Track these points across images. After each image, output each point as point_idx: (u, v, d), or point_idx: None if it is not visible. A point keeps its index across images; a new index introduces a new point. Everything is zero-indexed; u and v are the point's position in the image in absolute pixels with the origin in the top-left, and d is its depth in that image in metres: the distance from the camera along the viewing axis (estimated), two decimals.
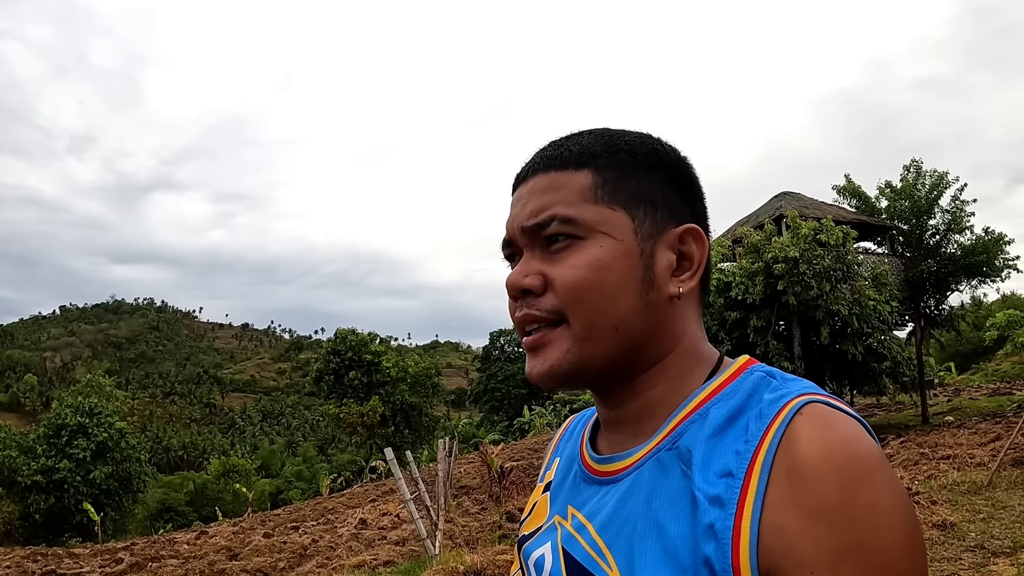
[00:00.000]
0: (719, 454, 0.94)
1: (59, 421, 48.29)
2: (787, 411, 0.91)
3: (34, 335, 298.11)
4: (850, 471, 0.86)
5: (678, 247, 1.07)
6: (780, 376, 1.01)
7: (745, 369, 1.06)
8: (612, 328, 1.03)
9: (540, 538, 1.17)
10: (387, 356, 54.27)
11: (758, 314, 23.06)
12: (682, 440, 1.00)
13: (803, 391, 0.94)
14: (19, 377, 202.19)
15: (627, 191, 1.06)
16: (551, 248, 1.06)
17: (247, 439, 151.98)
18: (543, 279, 1.05)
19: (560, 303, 1.04)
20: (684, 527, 0.92)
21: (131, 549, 22.15)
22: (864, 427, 0.92)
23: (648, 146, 1.12)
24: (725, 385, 1.03)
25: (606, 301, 1.02)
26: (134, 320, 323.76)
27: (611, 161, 1.08)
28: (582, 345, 1.04)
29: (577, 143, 1.11)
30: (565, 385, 1.08)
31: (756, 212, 28.68)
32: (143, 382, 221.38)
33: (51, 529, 44.84)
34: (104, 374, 77.97)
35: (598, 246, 1.03)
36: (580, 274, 1.03)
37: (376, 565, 13.20)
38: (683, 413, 1.03)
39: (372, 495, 29.39)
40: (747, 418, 0.95)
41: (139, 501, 52.54)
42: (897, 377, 24.67)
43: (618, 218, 1.05)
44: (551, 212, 1.05)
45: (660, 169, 1.10)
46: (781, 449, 0.88)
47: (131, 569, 16.78)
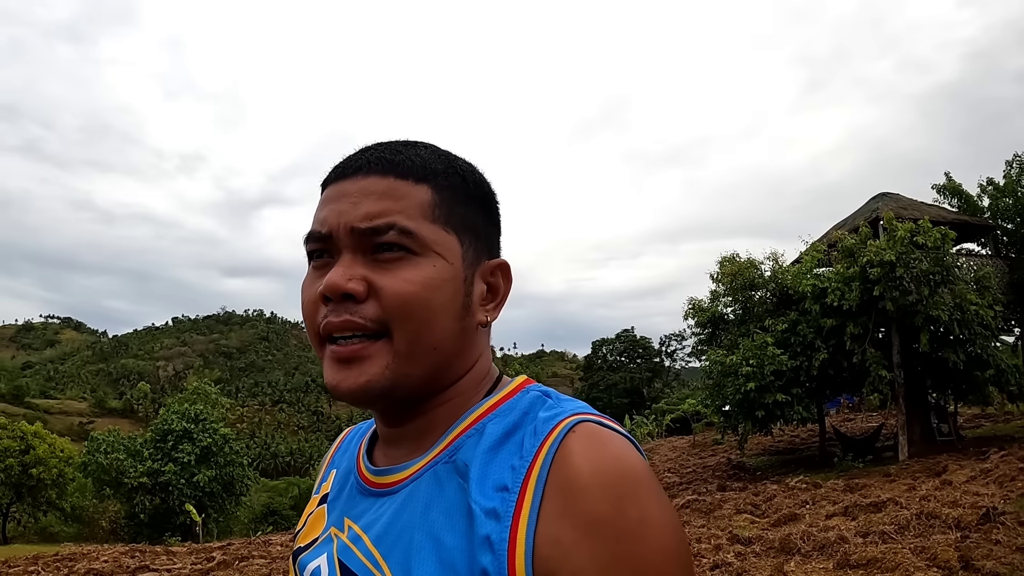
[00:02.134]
0: (495, 469, 0.97)
1: (166, 426, 49.89)
2: (560, 429, 0.95)
3: (147, 345, 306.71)
4: (620, 486, 0.90)
5: (488, 279, 1.13)
6: (555, 396, 1.06)
7: (522, 388, 1.10)
8: (432, 348, 1.04)
9: (316, 550, 1.16)
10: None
11: (855, 321, 22.41)
12: (459, 454, 1.03)
13: (576, 411, 0.99)
14: (133, 385, 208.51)
15: (459, 217, 1.09)
16: (379, 256, 1.03)
17: None
18: (367, 286, 1.03)
19: (385, 315, 1.02)
20: (460, 539, 0.94)
21: (226, 549, 22.57)
22: (634, 445, 0.97)
23: (476, 176, 1.15)
24: (502, 402, 1.07)
25: (432, 320, 1.03)
26: (244, 331, 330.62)
27: (448, 182, 1.10)
28: (401, 362, 1.03)
29: (417, 154, 1.10)
30: (374, 402, 1.08)
31: (853, 215, 27.86)
32: (252, 390, 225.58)
33: (155, 528, 46.37)
34: (211, 382, 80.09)
35: (432, 265, 1.04)
36: (414, 290, 1.02)
37: None
38: (460, 428, 1.06)
39: None
40: (522, 435, 0.99)
41: (241, 504, 53.66)
42: (1003, 386, 23.78)
43: (451, 241, 1.07)
44: (390, 220, 1.03)
45: (483, 201, 1.15)
46: (555, 464, 0.92)
47: (219, 567, 16.99)
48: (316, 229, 1.08)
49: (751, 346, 23.27)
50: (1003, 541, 9.68)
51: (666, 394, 76.84)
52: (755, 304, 25.73)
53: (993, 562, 8.89)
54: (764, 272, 25.89)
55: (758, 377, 22.47)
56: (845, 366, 23.54)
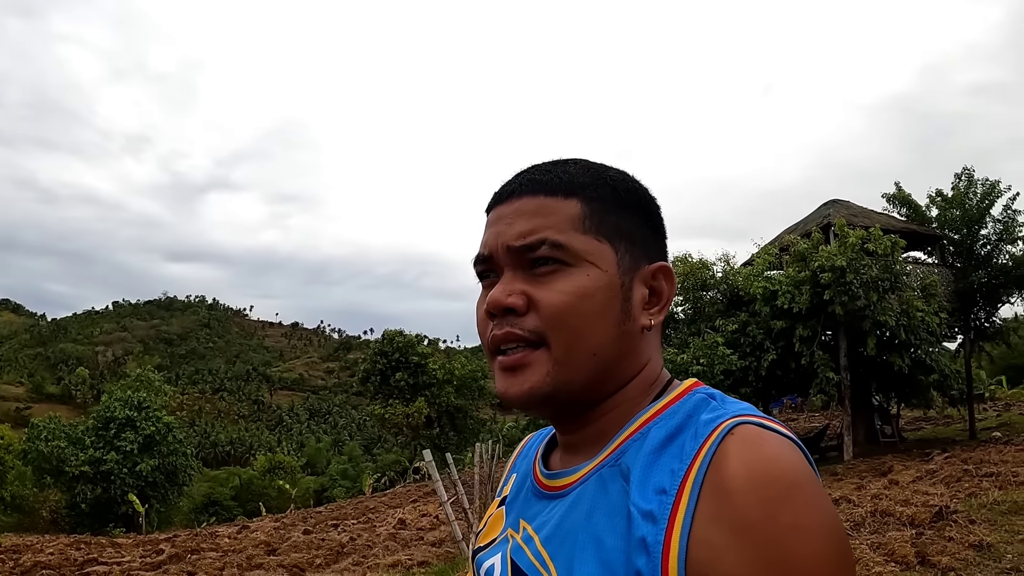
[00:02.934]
0: (655, 472, 0.97)
1: (108, 414, 49.09)
2: (719, 431, 0.95)
3: (87, 329, 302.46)
4: (773, 490, 0.89)
5: (650, 283, 1.13)
6: (720, 398, 1.06)
7: (689, 391, 1.10)
8: (591, 354, 1.07)
9: (493, 550, 1.21)
10: (434, 358, 54.27)
11: (804, 323, 22.78)
12: (624, 458, 1.04)
13: (738, 412, 0.98)
14: (71, 370, 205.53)
15: (611, 225, 1.11)
16: (536, 271, 1.09)
17: (294, 436, 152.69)
18: (527, 299, 1.07)
19: (543, 325, 1.06)
20: (619, 540, 0.96)
21: (173, 541, 22.52)
22: (798, 447, 0.96)
23: (628, 184, 1.17)
24: (668, 406, 1.07)
25: (588, 328, 1.06)
26: (185, 317, 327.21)
27: (597, 194, 1.12)
28: (561, 369, 1.06)
29: (565, 171, 1.14)
30: (540, 408, 1.12)
31: (804, 220, 28.30)
32: (193, 378, 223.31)
33: (97, 519, 45.63)
34: (153, 369, 79.00)
35: (585, 275, 1.07)
36: (567, 300, 1.06)
37: (411, 565, 13.29)
38: (627, 433, 1.07)
39: (414, 496, 29.58)
40: (684, 438, 0.99)
41: (184, 494, 53.18)
42: (945, 390, 24.30)
43: (604, 250, 1.09)
44: (541, 235, 1.08)
45: (638, 208, 1.16)
46: (711, 468, 0.92)
47: (171, 560, 16.89)
48: (480, 252, 1.15)
49: (701, 345, 23.56)
50: (956, 538, 10.10)
51: None
52: (706, 304, 26.03)
53: (948, 558, 9.27)
54: (716, 273, 26.22)
55: (708, 376, 22.68)
56: (793, 367, 23.94)
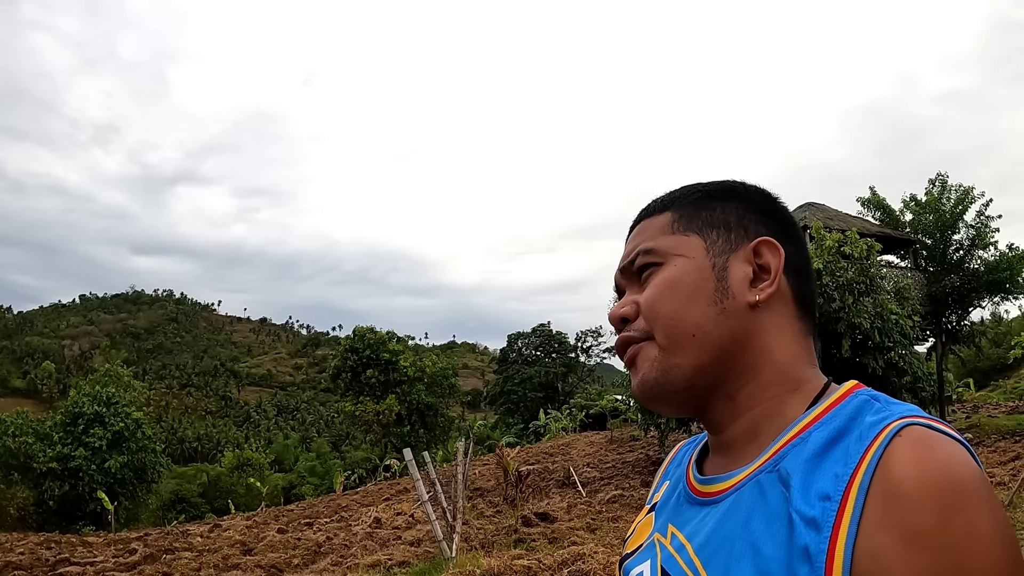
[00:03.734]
0: (818, 477, 0.94)
1: (76, 409, 48.81)
2: (886, 433, 0.91)
3: (53, 323, 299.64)
4: (947, 495, 0.85)
5: (755, 260, 1.13)
6: (884, 399, 1.01)
7: (851, 393, 1.05)
8: (690, 335, 1.09)
9: (640, 556, 1.20)
10: (405, 355, 54.38)
11: None
12: (783, 463, 1.01)
13: (905, 413, 0.94)
14: (37, 364, 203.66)
15: (700, 220, 1.16)
16: (642, 279, 1.17)
17: (262, 433, 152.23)
18: (636, 306, 1.15)
19: (646, 321, 1.13)
20: (779, 549, 0.93)
21: (145, 540, 22.32)
22: (967, 450, 0.92)
23: (724, 184, 1.22)
24: (829, 409, 1.03)
25: (681, 310, 1.10)
26: (153, 311, 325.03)
27: (687, 199, 1.20)
28: (665, 354, 1.10)
29: (666, 193, 1.25)
30: (661, 399, 1.14)
31: None
32: (160, 373, 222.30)
33: (64, 516, 45.37)
34: (122, 364, 78.58)
35: (673, 266, 1.13)
36: (656, 291, 1.13)
37: (391, 565, 13.24)
38: (786, 437, 1.04)
39: (386, 494, 29.52)
40: (848, 441, 0.95)
41: (153, 491, 52.86)
42: (917, 392, 24.51)
43: (691, 241, 1.15)
44: (640, 247, 1.18)
45: (738, 198, 1.19)
46: (878, 471, 0.89)
47: (145, 560, 16.71)
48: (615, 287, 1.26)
49: None
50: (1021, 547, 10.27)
51: (581, 389, 77.27)
52: None
53: None
54: None
55: None
56: None
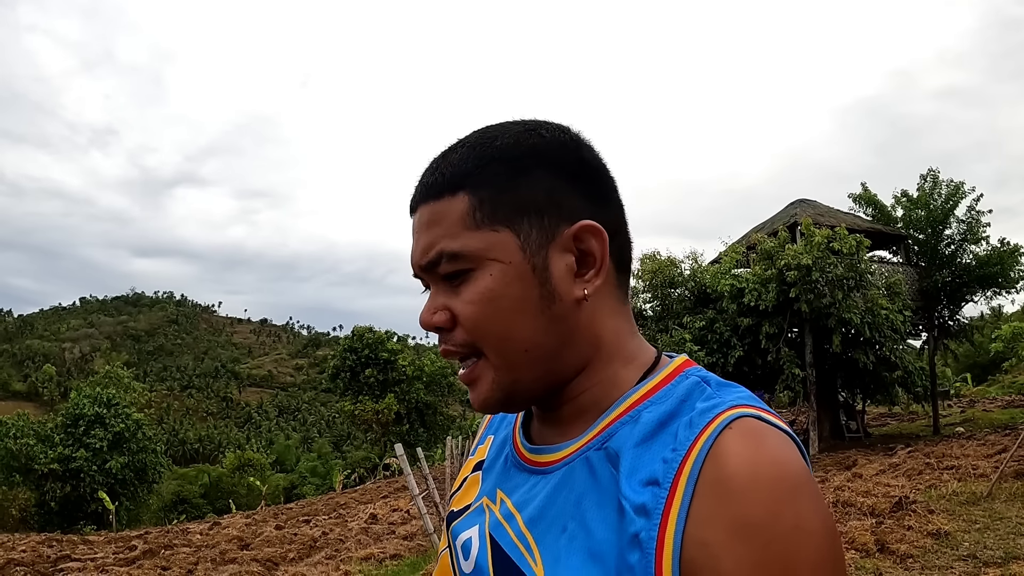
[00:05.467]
0: (646, 461, 0.93)
1: (77, 411, 48.68)
2: (718, 422, 0.90)
3: (54, 326, 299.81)
4: (777, 490, 0.85)
5: (575, 247, 1.02)
6: (715, 383, 0.99)
7: (681, 372, 1.03)
8: (523, 352, 1.02)
9: (468, 519, 1.17)
10: (403, 355, 54.51)
11: (770, 320, 23.16)
12: (611, 441, 0.99)
13: (737, 402, 0.93)
14: (38, 367, 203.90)
15: (507, 205, 1.02)
16: (451, 282, 1.04)
17: (263, 434, 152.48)
18: (450, 314, 1.04)
19: (470, 337, 1.03)
20: (611, 533, 0.92)
21: (144, 537, 22.37)
22: (796, 444, 0.92)
23: (525, 144, 1.05)
24: (659, 387, 1.01)
25: (509, 329, 1.01)
26: (153, 313, 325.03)
27: (484, 176, 1.03)
28: (502, 374, 1.03)
29: (449, 163, 1.05)
30: (506, 411, 1.10)
31: (772, 219, 28.63)
32: (161, 375, 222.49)
33: (66, 517, 45.08)
34: (122, 366, 78.52)
35: (488, 275, 1.01)
36: (476, 308, 1.01)
37: (383, 558, 13.42)
38: (615, 413, 1.01)
39: (384, 491, 29.56)
40: (677, 426, 0.93)
41: (154, 492, 52.80)
42: (909, 387, 24.70)
43: (502, 239, 1.01)
44: (438, 249, 1.02)
45: (542, 166, 1.04)
46: (708, 462, 0.87)
47: (144, 556, 16.92)
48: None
49: (669, 342, 23.79)
50: (915, 527, 10.49)
51: None
52: (674, 301, 26.30)
53: (907, 545, 9.68)
54: (684, 271, 26.49)
55: None
56: (759, 364, 24.28)
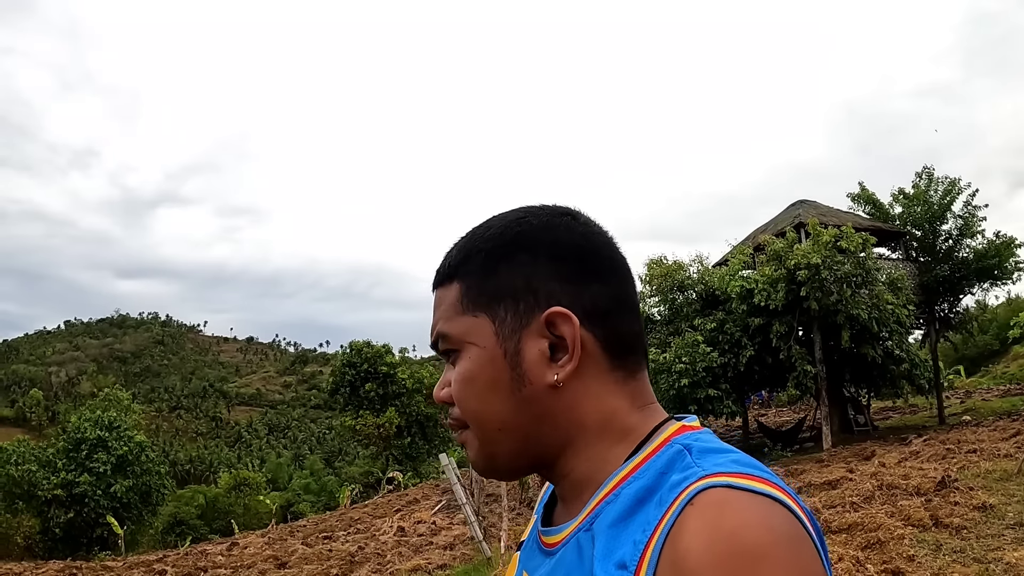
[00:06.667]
0: (620, 543, 0.93)
1: (78, 435, 48.32)
2: (681, 499, 0.88)
3: (39, 350, 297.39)
4: (731, 565, 0.81)
5: (549, 332, 1.06)
6: (698, 450, 0.98)
7: (668, 441, 1.03)
8: (497, 429, 1.09)
9: None
10: (402, 368, 54.56)
11: (780, 320, 23.51)
12: (596, 522, 1.00)
13: (709, 471, 0.91)
14: (24, 392, 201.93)
15: (488, 292, 1.10)
16: (449, 360, 1.15)
17: (254, 452, 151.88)
18: (450, 391, 1.13)
19: (460, 413, 1.12)
20: None
21: (164, 561, 22.25)
22: (781, 504, 0.87)
23: (510, 233, 1.12)
24: (644, 461, 1.01)
25: (482, 407, 1.09)
26: (139, 334, 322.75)
27: (470, 267, 1.12)
28: (482, 445, 1.11)
29: (450, 255, 1.16)
30: (494, 477, 1.19)
31: (774, 220, 29.09)
32: (149, 396, 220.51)
33: (70, 543, 44.74)
34: (120, 387, 78.27)
35: (467, 358, 1.10)
36: (458, 388, 1.11)
37: (431, 569, 13.52)
38: (603, 493, 1.02)
39: (396, 505, 29.40)
40: (650, 505, 0.93)
41: (158, 514, 52.73)
42: (913, 379, 25.06)
43: (480, 324, 1.09)
44: (437, 330, 1.14)
45: (523, 252, 1.10)
46: (668, 543, 0.86)
47: None
48: None
49: (683, 344, 24.18)
50: (961, 502, 11.16)
51: None
52: (683, 304, 26.64)
53: (958, 519, 10.35)
54: (691, 274, 26.85)
55: (690, 373, 23.44)
56: (770, 362, 24.63)
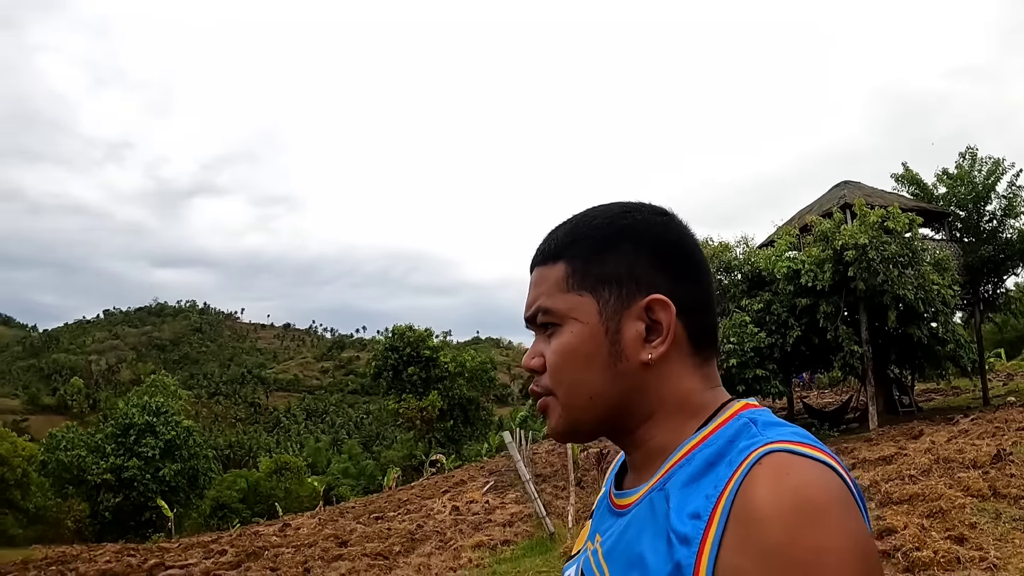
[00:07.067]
0: (692, 497, 1.05)
1: (126, 420, 49.13)
2: (750, 459, 1.01)
3: (79, 339, 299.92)
4: (797, 515, 0.94)
5: (646, 316, 1.19)
6: (762, 423, 1.11)
7: (735, 416, 1.15)
8: (588, 398, 1.21)
9: (575, 559, 1.35)
10: (444, 352, 54.94)
11: (827, 300, 23.57)
12: (669, 483, 1.12)
13: (774, 439, 1.04)
14: (65, 380, 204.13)
15: (592, 276, 1.22)
16: (546, 333, 1.26)
17: (292, 437, 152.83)
18: (543, 360, 1.25)
19: (550, 382, 1.24)
20: (661, 562, 1.04)
21: (219, 542, 22.59)
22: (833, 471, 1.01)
23: (617, 224, 1.25)
24: (713, 432, 1.14)
25: (578, 377, 1.20)
26: (177, 322, 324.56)
27: (578, 250, 1.24)
28: (567, 411, 1.23)
29: (554, 238, 1.29)
30: (570, 440, 1.31)
31: (819, 201, 29.02)
32: (188, 383, 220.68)
33: (119, 527, 45.72)
34: (166, 373, 78.95)
35: (569, 332, 1.21)
36: (555, 358, 1.22)
37: (495, 544, 13.70)
38: (675, 459, 1.15)
39: (443, 486, 29.48)
40: (721, 465, 1.05)
41: (205, 497, 53.41)
42: (958, 360, 25.04)
43: (584, 303, 1.21)
44: (537, 305, 1.25)
45: (628, 243, 1.23)
46: (739, 495, 0.98)
47: (248, 558, 17.01)
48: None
49: (730, 325, 24.27)
50: (1017, 474, 11.38)
51: None
52: (729, 285, 26.74)
53: (1016, 489, 10.57)
54: (737, 255, 26.97)
55: (738, 354, 23.55)
56: (816, 342, 24.72)
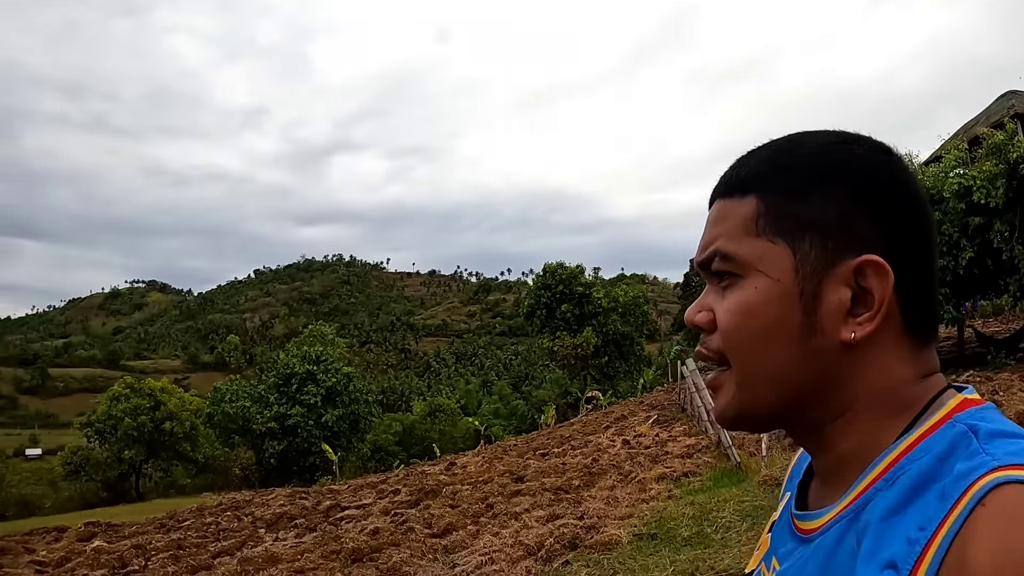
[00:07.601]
0: (890, 538, 0.80)
1: (287, 371, 50.72)
2: (971, 495, 0.75)
3: (232, 299, 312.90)
4: None
5: (855, 282, 0.90)
6: (984, 434, 0.83)
7: (949, 419, 0.88)
8: (767, 380, 0.93)
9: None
10: (596, 288, 54.85)
11: (1002, 218, 22.42)
12: (865, 511, 0.87)
13: (1003, 462, 0.76)
14: (222, 338, 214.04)
15: (791, 219, 0.93)
16: (721, 283, 0.97)
17: (443, 381, 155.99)
18: (712, 316, 0.97)
19: (722, 346, 0.96)
20: None
21: (387, 482, 22.60)
22: None
23: (830, 157, 0.95)
24: (920, 439, 0.87)
25: (757, 349, 0.93)
26: (325, 276, 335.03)
27: (776, 183, 0.95)
28: (741, 393, 0.95)
29: (748, 163, 0.99)
30: (738, 428, 1.02)
31: (985, 112, 27.53)
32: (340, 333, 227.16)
33: (283, 472, 47.44)
34: (324, 322, 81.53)
35: (752, 287, 0.93)
36: (731, 319, 0.94)
37: (677, 476, 13.47)
38: (873, 474, 0.89)
39: (604, 422, 29.43)
40: (929, 497, 0.80)
41: (366, 441, 54.82)
42: None
43: (777, 252, 0.93)
44: (714, 247, 0.97)
45: (841, 184, 0.93)
46: (953, 549, 0.74)
47: (426, 496, 16.92)
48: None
49: None
50: None
51: None
52: None
53: None
54: None
55: None
56: (990, 265, 23.57)
